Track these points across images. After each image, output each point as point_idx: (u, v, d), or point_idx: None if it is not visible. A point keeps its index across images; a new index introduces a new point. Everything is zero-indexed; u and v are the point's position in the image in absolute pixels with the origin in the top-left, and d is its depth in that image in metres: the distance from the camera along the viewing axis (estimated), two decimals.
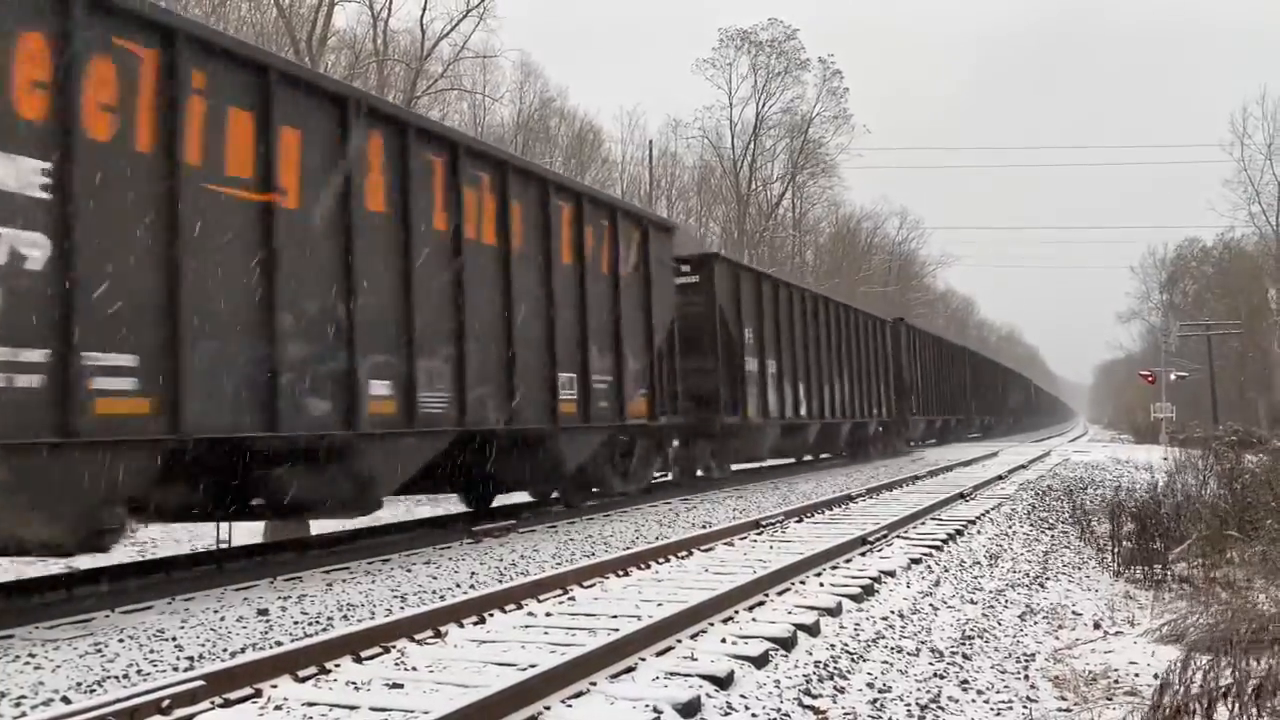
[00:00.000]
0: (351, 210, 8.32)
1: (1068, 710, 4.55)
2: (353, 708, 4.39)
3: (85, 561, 9.78)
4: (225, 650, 5.66)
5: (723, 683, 4.71)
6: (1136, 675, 5.12)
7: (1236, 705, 3.76)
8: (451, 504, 13.96)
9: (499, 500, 13.11)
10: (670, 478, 16.79)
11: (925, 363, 33.04)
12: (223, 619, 6.51)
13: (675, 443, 16.00)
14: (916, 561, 8.63)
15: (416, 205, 9.13)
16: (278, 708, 4.45)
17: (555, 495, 13.41)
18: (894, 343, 28.53)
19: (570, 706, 4.41)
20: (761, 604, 6.63)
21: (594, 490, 13.72)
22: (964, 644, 5.69)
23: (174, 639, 5.93)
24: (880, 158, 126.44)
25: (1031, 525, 11.48)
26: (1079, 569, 8.51)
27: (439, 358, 9.35)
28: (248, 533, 11.25)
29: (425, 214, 9.33)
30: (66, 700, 4.64)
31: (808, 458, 24.06)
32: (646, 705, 4.29)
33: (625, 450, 13.77)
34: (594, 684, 4.68)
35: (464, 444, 10.13)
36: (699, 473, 17.21)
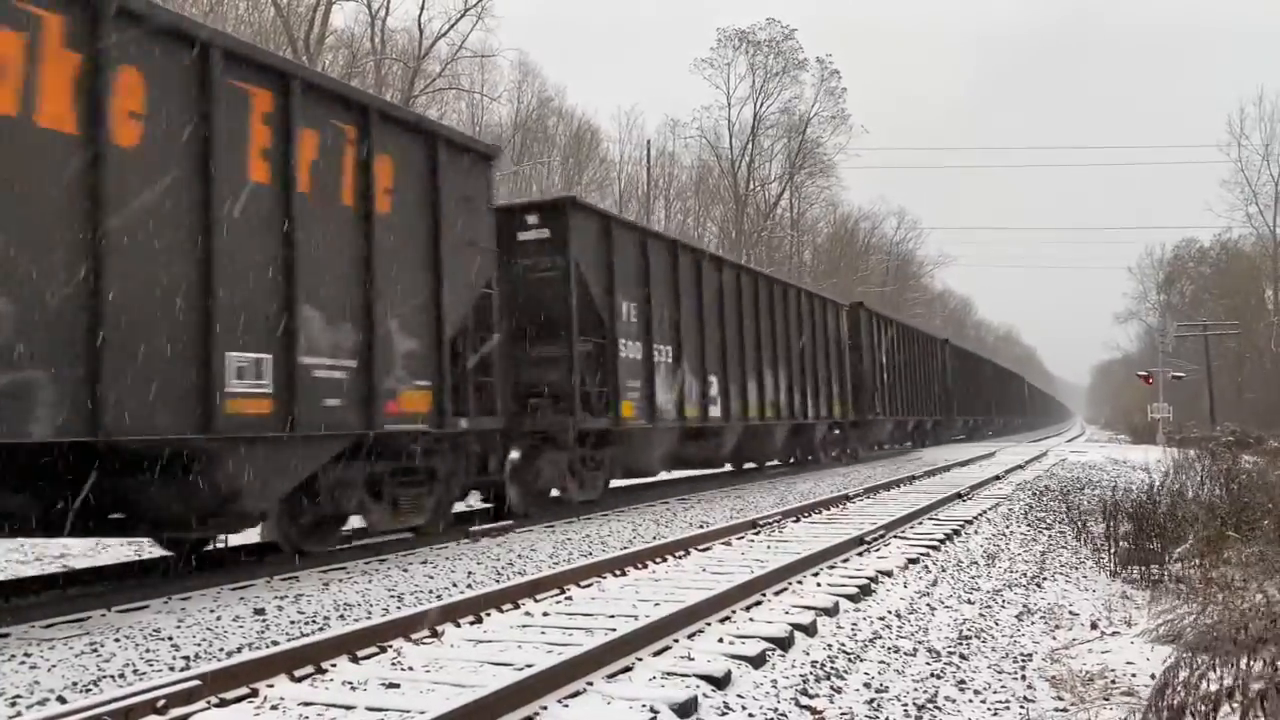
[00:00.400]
0: None
1: (1065, 710, 4.55)
2: (349, 707, 4.38)
3: (81, 561, 9.77)
4: (222, 650, 5.65)
5: (720, 683, 4.70)
6: (1133, 675, 5.12)
7: (1239, 708, 3.76)
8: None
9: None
10: (511, 501, 12.08)
11: (893, 355, 29.04)
12: (219, 618, 6.50)
13: (514, 454, 11.92)
14: (914, 561, 8.63)
15: None
16: (274, 707, 4.44)
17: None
18: (852, 331, 24.88)
19: (567, 706, 4.41)
20: (759, 604, 6.62)
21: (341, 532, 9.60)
22: (961, 644, 5.69)
23: (170, 638, 5.92)
24: (880, 158, 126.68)
25: (1029, 525, 11.48)
26: (1076, 569, 8.51)
27: None
28: (245, 532, 11.23)
29: None
30: (62, 700, 4.63)
31: (728, 468, 19.83)
32: (643, 705, 4.29)
33: (400, 469, 9.63)
34: (591, 684, 4.67)
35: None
36: (554, 493, 12.95)
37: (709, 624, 5.96)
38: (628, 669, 4.95)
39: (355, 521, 9.66)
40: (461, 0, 34.15)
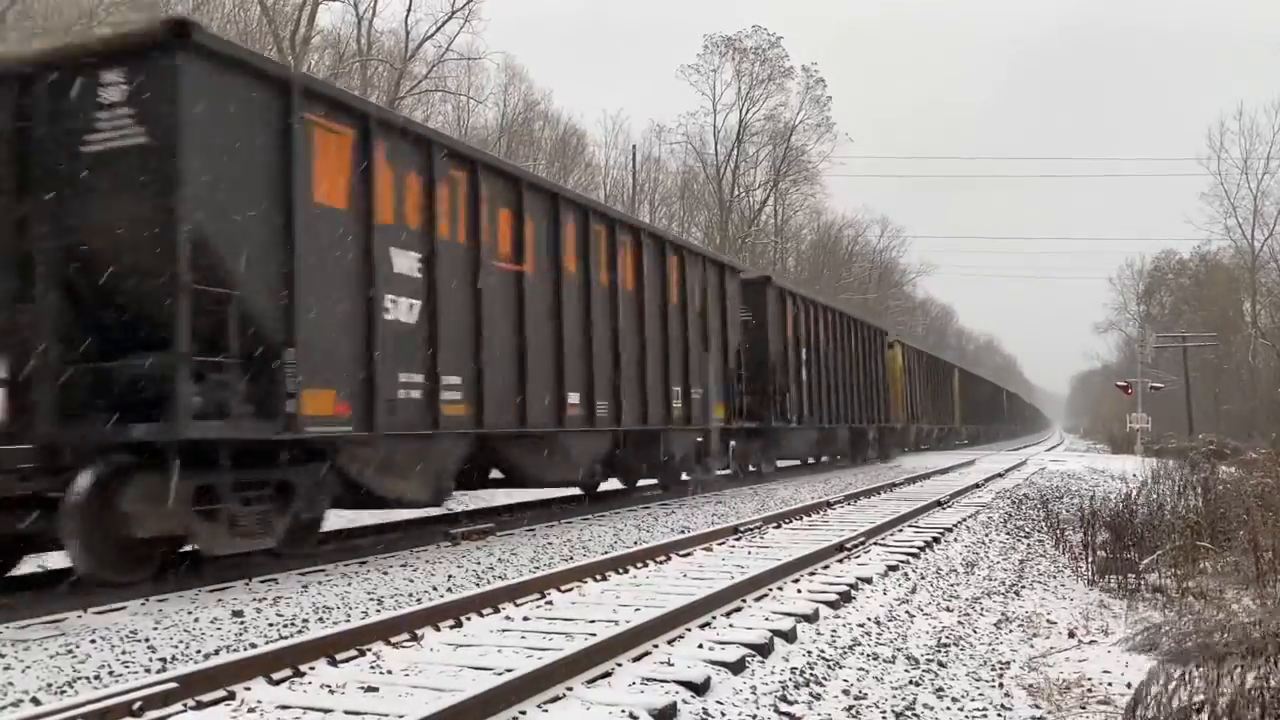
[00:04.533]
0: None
1: (1041, 718, 4.57)
2: (327, 711, 4.36)
3: (57, 560, 9.68)
4: (199, 652, 5.62)
5: (699, 689, 4.71)
6: (1110, 684, 5.16)
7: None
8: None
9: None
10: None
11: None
12: (197, 620, 6.46)
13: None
14: (894, 568, 8.66)
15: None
16: (251, 710, 4.42)
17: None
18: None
19: (546, 711, 4.40)
20: (739, 610, 6.63)
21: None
22: (940, 651, 5.71)
23: (147, 640, 5.87)
24: (866, 166, 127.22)
25: (1008, 533, 11.54)
26: (1054, 577, 8.57)
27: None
28: None
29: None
30: (36, 701, 4.59)
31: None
32: (623, 711, 4.29)
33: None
34: (570, 689, 4.67)
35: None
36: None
37: (689, 629, 5.97)
38: (607, 674, 4.95)
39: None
40: (449, 2, 34.14)
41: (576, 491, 15.36)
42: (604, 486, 15.79)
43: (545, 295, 12.01)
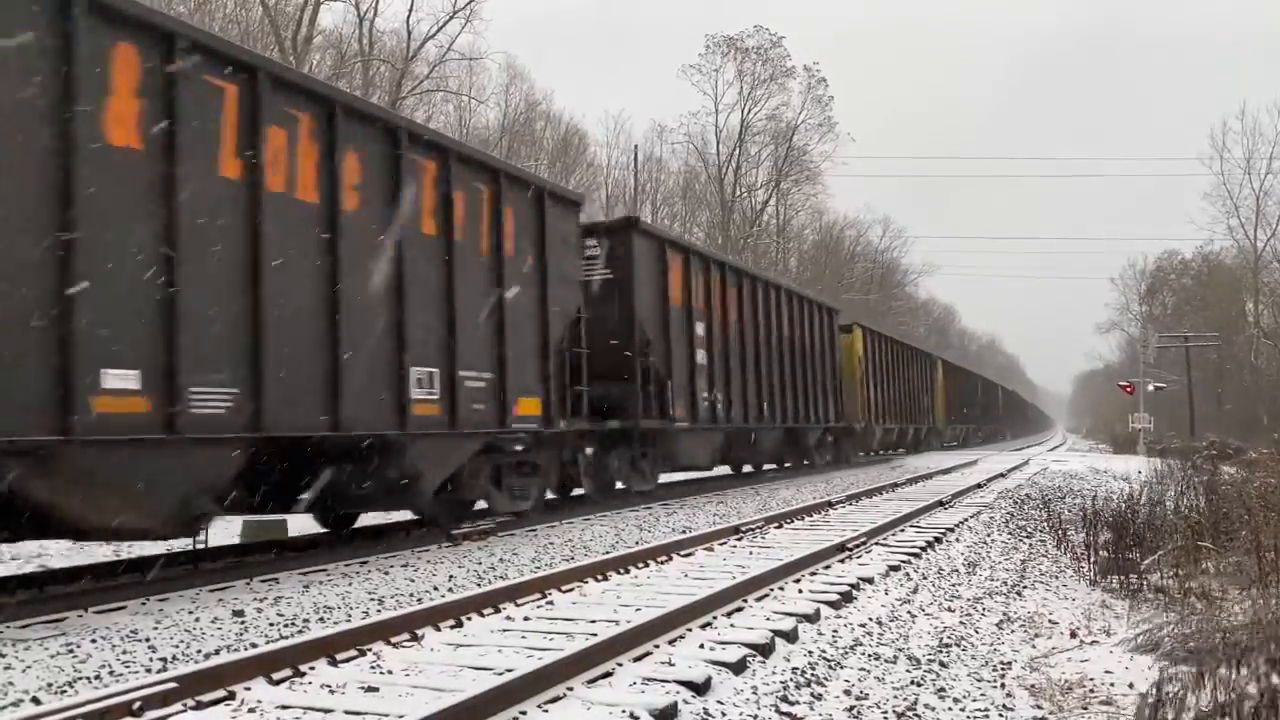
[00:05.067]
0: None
1: (1043, 719, 4.56)
2: (327, 711, 4.36)
3: (58, 560, 9.70)
4: (199, 652, 5.61)
5: (700, 689, 4.70)
6: (1112, 685, 5.14)
7: None
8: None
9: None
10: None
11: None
12: (197, 620, 6.45)
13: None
14: (895, 569, 8.65)
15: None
16: (251, 710, 4.41)
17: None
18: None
19: (546, 711, 4.39)
20: (740, 610, 6.62)
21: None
22: (941, 652, 5.70)
23: (147, 640, 5.87)
24: (865, 166, 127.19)
25: (1009, 534, 11.52)
26: (1056, 578, 8.55)
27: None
28: (225, 533, 11.17)
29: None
30: (36, 701, 4.59)
31: None
32: (623, 711, 4.28)
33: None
34: (571, 689, 4.66)
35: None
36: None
37: (690, 629, 5.96)
38: (608, 674, 4.94)
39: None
40: (450, 2, 34.16)
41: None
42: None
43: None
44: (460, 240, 10.41)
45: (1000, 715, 4.55)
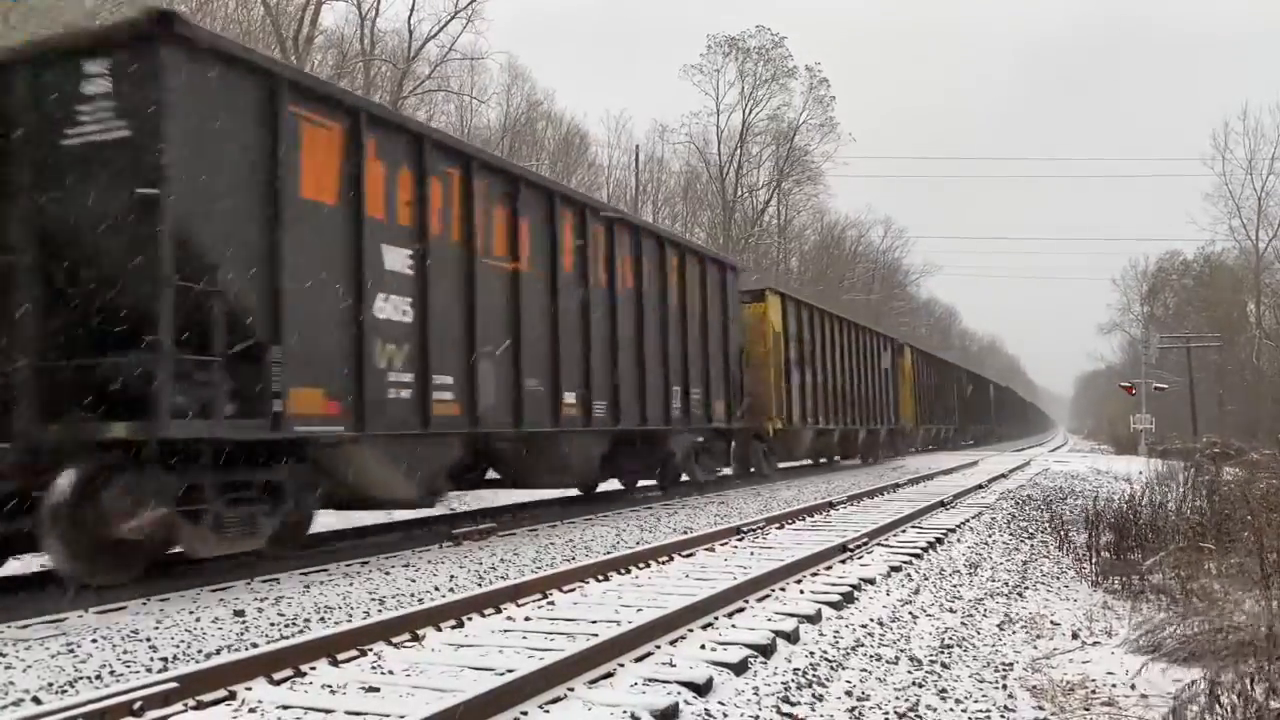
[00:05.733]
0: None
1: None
2: (328, 711, 4.35)
3: None
4: (200, 652, 5.61)
5: (701, 689, 4.69)
6: (1114, 686, 5.13)
7: None
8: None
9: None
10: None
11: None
12: (198, 620, 6.45)
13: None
14: (897, 569, 8.64)
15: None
16: (252, 710, 4.41)
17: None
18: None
19: (548, 712, 4.39)
20: (741, 610, 6.61)
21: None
22: (943, 652, 5.69)
23: (148, 640, 5.86)
24: (867, 166, 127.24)
25: (1011, 534, 11.51)
26: (1058, 578, 8.54)
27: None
28: None
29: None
30: (37, 701, 4.58)
31: None
32: (624, 712, 4.27)
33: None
34: (572, 689, 4.65)
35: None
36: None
37: (691, 630, 5.95)
38: (609, 674, 4.94)
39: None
40: (452, 2, 34.16)
41: (575, 492, 15.67)
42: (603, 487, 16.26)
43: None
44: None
45: (1002, 716, 4.54)
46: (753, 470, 20.82)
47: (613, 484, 16.29)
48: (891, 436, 32.11)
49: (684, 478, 16.97)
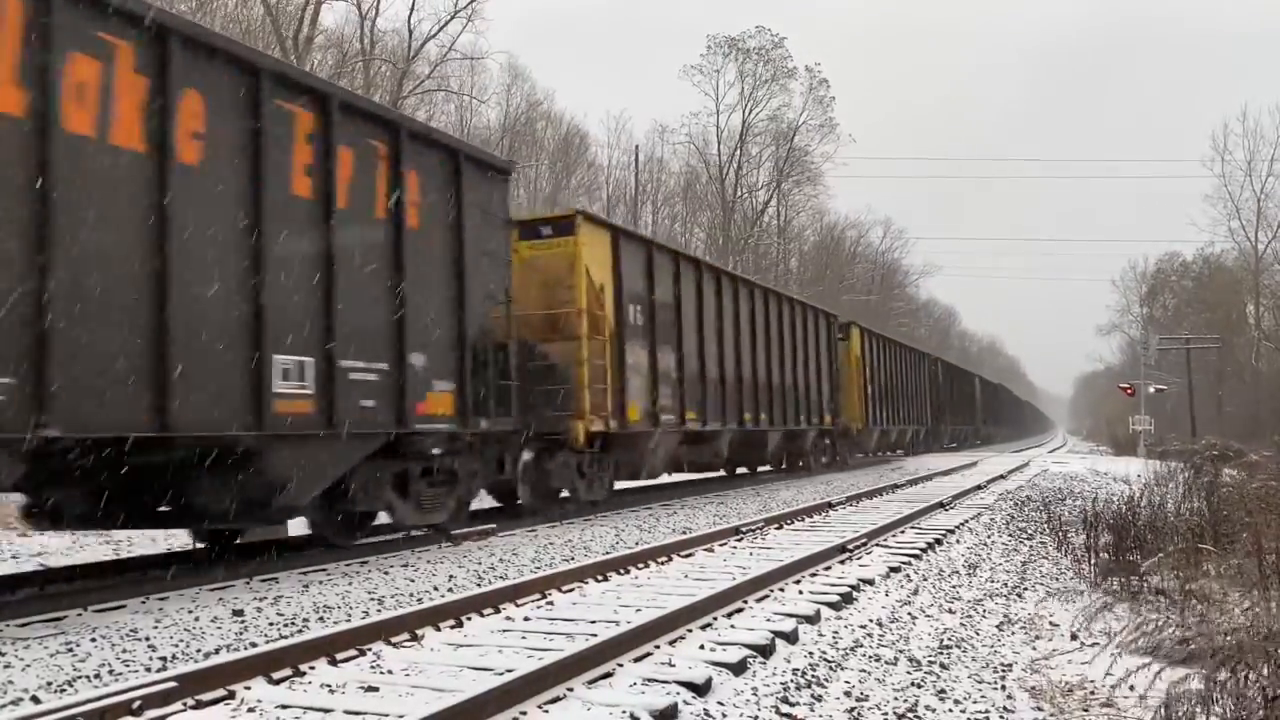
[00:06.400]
0: None
1: None
2: (327, 711, 4.35)
3: (58, 559, 9.69)
4: (199, 651, 5.61)
5: (700, 690, 4.69)
6: (1112, 687, 5.13)
7: None
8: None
9: None
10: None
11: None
12: (197, 619, 6.45)
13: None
14: (896, 570, 8.64)
15: None
16: (251, 710, 4.41)
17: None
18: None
19: (547, 712, 4.39)
20: (740, 611, 6.62)
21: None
22: (942, 653, 5.69)
23: (147, 639, 5.86)
24: (867, 167, 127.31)
25: (1010, 535, 11.52)
26: (1056, 580, 8.54)
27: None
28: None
29: None
30: (36, 700, 4.58)
31: None
32: (623, 711, 4.27)
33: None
34: (571, 689, 4.65)
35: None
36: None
37: (690, 630, 5.95)
38: (608, 675, 4.94)
39: None
40: (451, 2, 34.15)
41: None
42: None
43: None
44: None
45: (1001, 717, 4.55)
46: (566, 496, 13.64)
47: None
48: (826, 441, 24.99)
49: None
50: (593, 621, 6.20)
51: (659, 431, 14.95)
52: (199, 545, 9.39)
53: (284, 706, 4.43)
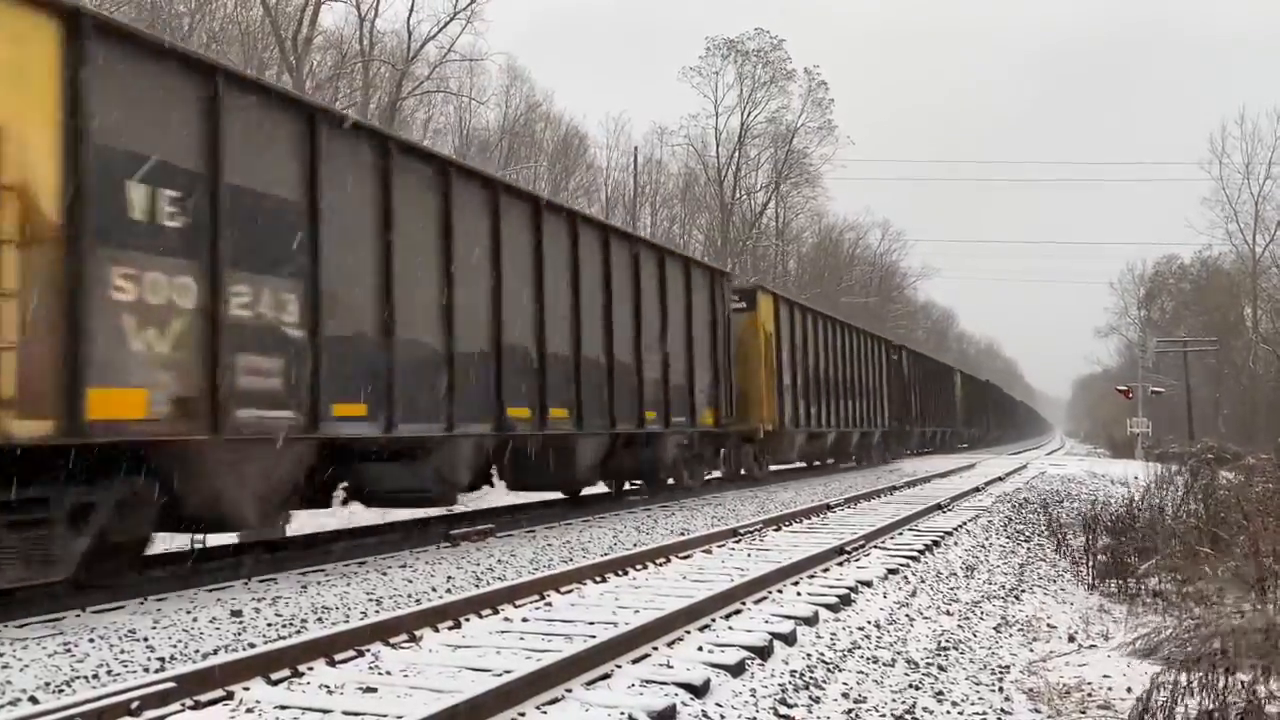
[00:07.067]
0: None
1: None
2: (325, 711, 4.35)
3: None
4: (197, 651, 5.61)
5: (698, 691, 4.70)
6: (1109, 689, 5.15)
7: None
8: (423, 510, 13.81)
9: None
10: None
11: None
12: (195, 620, 6.45)
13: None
14: (894, 572, 8.65)
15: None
16: (249, 710, 4.41)
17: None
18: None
19: (545, 713, 4.39)
20: (739, 612, 6.62)
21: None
22: (939, 655, 5.70)
23: (145, 639, 5.86)
24: (865, 169, 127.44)
25: (1008, 537, 11.53)
26: (1054, 582, 8.55)
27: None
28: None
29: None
30: (34, 700, 4.58)
31: None
32: (621, 713, 4.28)
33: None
34: (569, 690, 4.66)
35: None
36: None
37: (688, 631, 5.95)
38: (607, 676, 4.94)
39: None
40: (451, 3, 34.17)
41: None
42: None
43: None
44: None
45: (999, 719, 4.55)
46: None
47: None
48: (712, 445, 18.16)
49: None
50: (591, 623, 6.20)
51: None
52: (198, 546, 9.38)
53: (282, 707, 4.43)
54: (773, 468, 21.61)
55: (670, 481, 16.47)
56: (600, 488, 15.83)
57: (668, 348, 15.21)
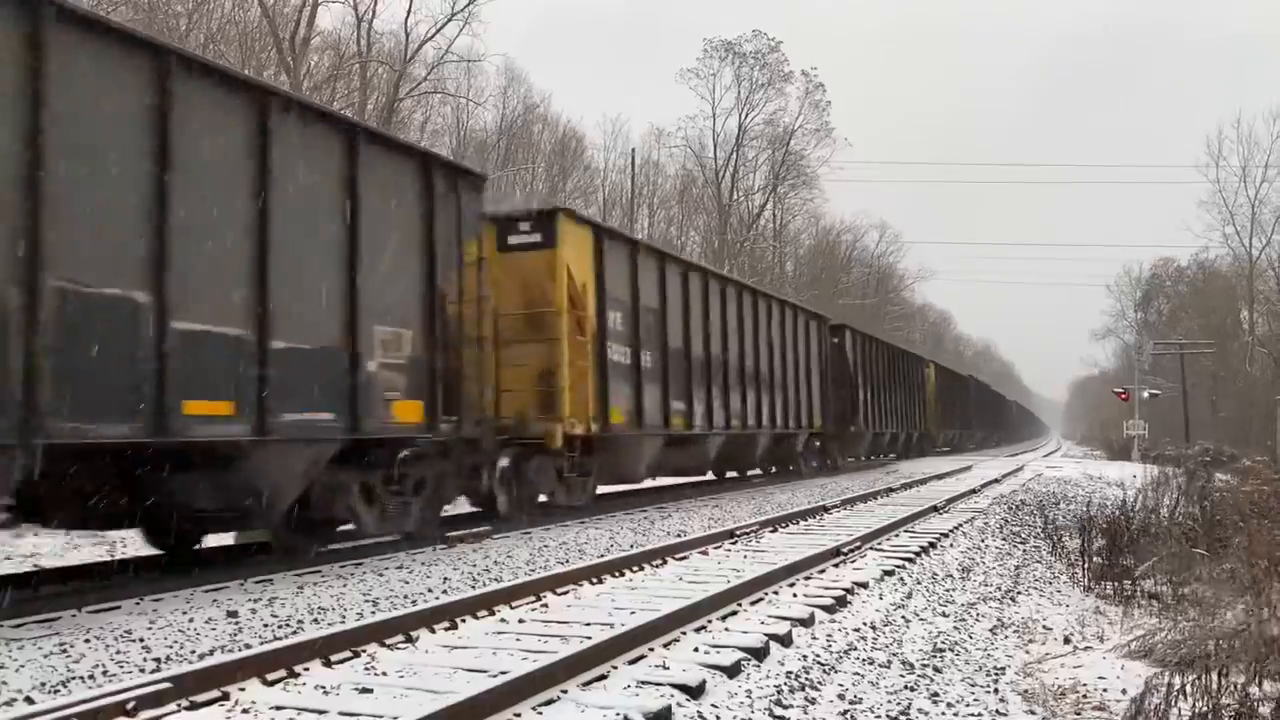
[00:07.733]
0: None
1: None
2: (321, 712, 4.36)
3: (51, 560, 9.68)
4: (193, 652, 5.60)
5: (694, 692, 4.70)
6: (1105, 690, 5.15)
7: None
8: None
9: None
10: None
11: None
12: (191, 620, 6.44)
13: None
14: (890, 573, 8.66)
15: None
16: (245, 711, 4.41)
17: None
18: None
19: (541, 714, 4.39)
20: (735, 614, 6.62)
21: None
22: (935, 656, 5.71)
23: (141, 640, 5.86)
24: (863, 171, 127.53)
25: (1004, 539, 11.54)
26: (1050, 583, 8.57)
27: None
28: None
29: None
30: (30, 700, 4.58)
31: None
32: (617, 714, 4.28)
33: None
34: (565, 691, 4.66)
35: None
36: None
37: (685, 633, 5.96)
38: (603, 677, 4.94)
39: None
40: (448, 4, 34.17)
41: None
42: None
43: None
44: None
45: None
46: None
47: None
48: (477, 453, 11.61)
49: None
50: (587, 624, 6.20)
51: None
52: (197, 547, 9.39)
53: (278, 708, 4.43)
54: (604, 489, 14.92)
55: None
56: None
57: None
